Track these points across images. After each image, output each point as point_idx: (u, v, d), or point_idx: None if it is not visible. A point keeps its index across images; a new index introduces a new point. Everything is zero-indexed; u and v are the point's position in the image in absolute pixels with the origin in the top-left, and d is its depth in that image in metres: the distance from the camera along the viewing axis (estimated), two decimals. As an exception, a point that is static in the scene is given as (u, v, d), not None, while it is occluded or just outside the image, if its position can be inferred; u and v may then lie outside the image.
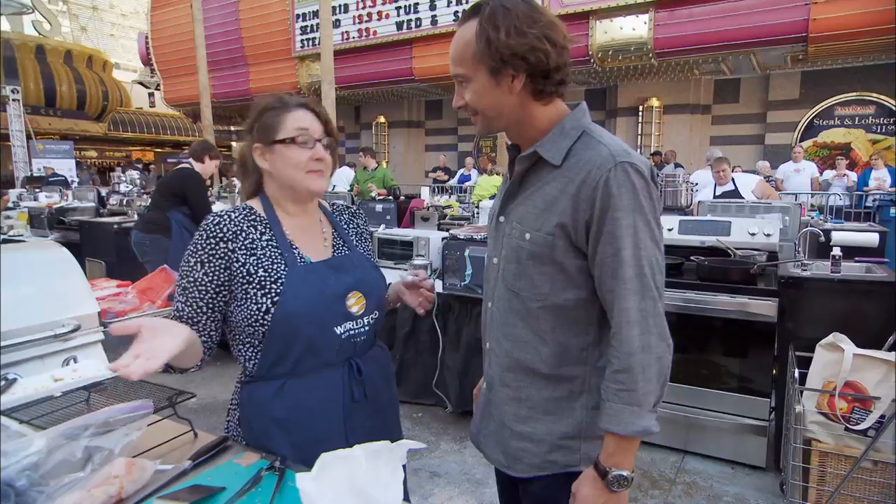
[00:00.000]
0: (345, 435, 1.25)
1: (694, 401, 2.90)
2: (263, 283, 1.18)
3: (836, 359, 2.05)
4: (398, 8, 11.70)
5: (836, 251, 2.60)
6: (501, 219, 1.22)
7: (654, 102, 12.06)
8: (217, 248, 1.18)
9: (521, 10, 1.05)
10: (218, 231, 1.19)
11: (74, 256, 2.08)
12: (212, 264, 1.18)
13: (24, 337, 1.75)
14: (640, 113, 12.16)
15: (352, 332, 1.26)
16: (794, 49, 9.15)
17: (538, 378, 1.18)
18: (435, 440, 3.18)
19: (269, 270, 1.19)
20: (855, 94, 10.67)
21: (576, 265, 1.11)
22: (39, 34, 19.77)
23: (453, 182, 11.63)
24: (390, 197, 6.82)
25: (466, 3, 10.86)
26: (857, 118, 10.77)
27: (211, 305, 1.20)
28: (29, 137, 14.40)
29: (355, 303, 1.27)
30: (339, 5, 12.13)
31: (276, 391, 1.21)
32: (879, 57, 9.73)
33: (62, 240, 5.58)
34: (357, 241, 1.41)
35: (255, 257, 1.20)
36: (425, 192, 7.85)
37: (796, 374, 2.13)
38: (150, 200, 4.54)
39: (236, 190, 6.96)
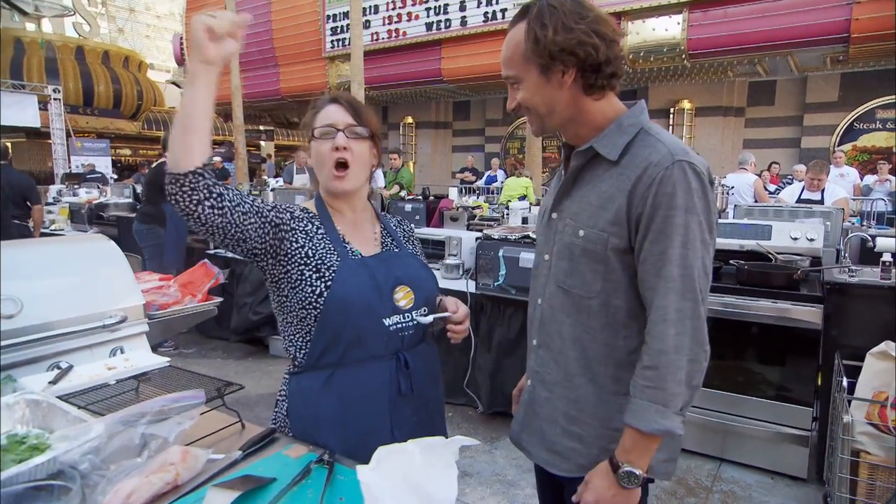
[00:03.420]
0: (390, 428, 1.26)
1: (732, 408, 2.84)
2: (319, 267, 1.21)
3: (887, 368, 1.98)
4: (428, 9, 11.74)
5: (887, 257, 2.51)
6: (554, 215, 1.22)
7: (686, 104, 11.86)
8: (284, 214, 1.23)
9: (568, 7, 1.06)
10: (292, 209, 1.26)
11: (114, 249, 2.13)
12: (277, 210, 1.22)
13: (74, 326, 1.79)
14: (672, 115, 11.97)
15: (400, 325, 1.27)
16: (834, 50, 8.90)
17: (586, 378, 1.17)
18: (465, 440, 3.17)
19: (324, 258, 1.22)
20: (896, 96, 10.34)
21: (628, 263, 1.10)
22: (80, 36, 20.33)
23: (480, 183, 11.61)
24: (420, 196, 6.84)
25: (496, 3, 10.85)
26: (899, 122, 10.44)
27: (253, 206, 1.16)
28: (68, 135, 14.82)
29: (403, 296, 1.28)
30: (370, 6, 12.22)
31: (324, 381, 1.23)
32: (924, 59, 9.43)
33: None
34: (406, 242, 1.43)
35: (312, 242, 1.23)
36: (453, 193, 7.86)
37: (844, 384, 2.07)
38: (144, 195, 5.19)
39: (268, 188, 7.05)
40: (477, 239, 3.49)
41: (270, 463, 1.14)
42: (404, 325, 1.28)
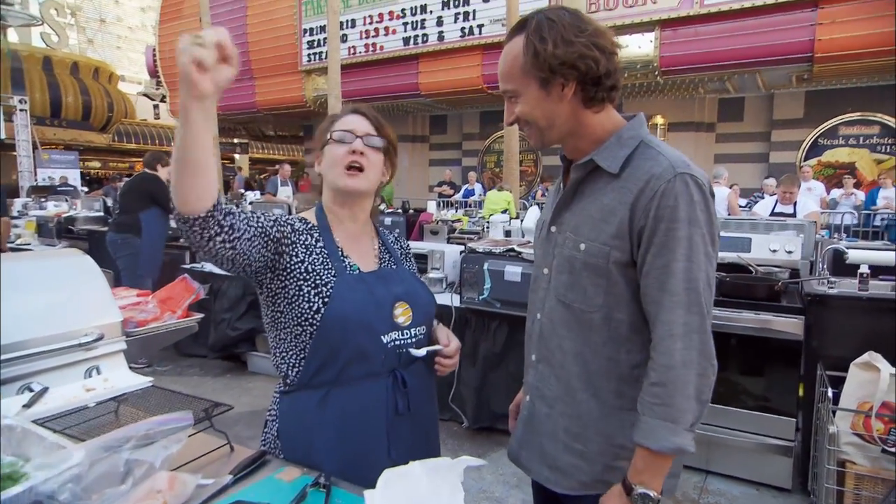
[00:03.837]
0: (387, 448, 1.22)
1: (716, 419, 2.85)
2: (317, 283, 1.17)
3: (871, 378, 2.01)
4: (405, 24, 11.79)
5: (864, 269, 2.57)
6: (553, 228, 1.20)
7: (659, 120, 12.11)
8: (285, 227, 1.20)
9: (567, 21, 1.06)
10: (292, 221, 1.23)
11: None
12: (279, 223, 1.19)
13: (47, 346, 1.71)
14: (645, 130, 12.18)
15: (398, 342, 1.24)
16: (799, 69, 9.22)
17: (588, 393, 1.15)
18: (451, 457, 3.11)
19: (322, 273, 1.19)
20: (858, 114, 10.71)
21: (631, 277, 1.09)
22: (47, 46, 19.89)
23: (458, 196, 11.63)
24: (399, 210, 6.81)
25: (473, 19, 10.96)
26: (861, 138, 10.80)
27: (258, 227, 1.14)
28: (34, 147, 14.41)
29: (402, 313, 1.25)
30: (347, 20, 12.23)
31: (319, 400, 1.19)
32: (883, 78, 9.80)
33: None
34: (403, 259, 1.40)
35: (311, 257, 1.20)
36: (432, 206, 7.85)
37: (830, 394, 2.09)
38: (119, 206, 5.12)
39: (247, 202, 6.94)
40: (461, 253, 3.47)
41: (263, 487, 1.09)
42: (402, 342, 1.25)
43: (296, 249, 1.19)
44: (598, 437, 1.15)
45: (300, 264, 1.18)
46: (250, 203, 6.52)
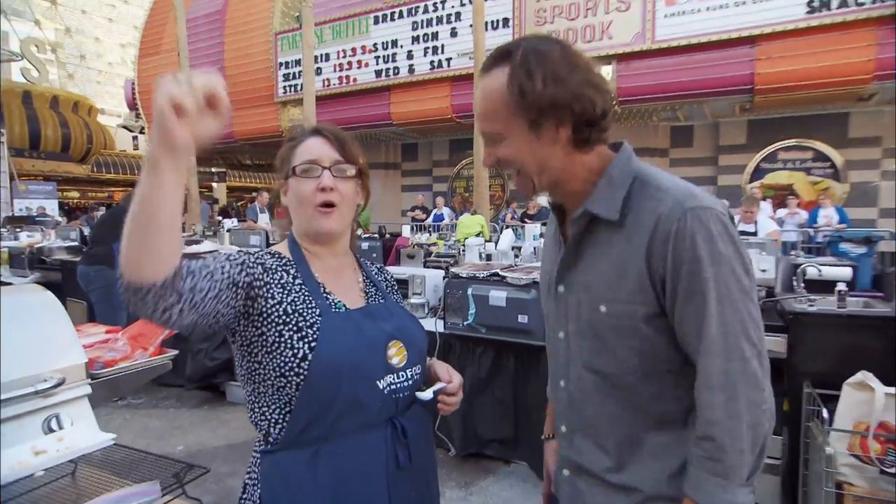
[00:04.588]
0: None
1: (701, 438, 2.70)
2: (300, 325, 0.96)
3: (865, 398, 1.88)
4: (377, 57, 11.75)
5: (842, 286, 2.47)
6: (561, 288, 1.01)
7: (617, 146, 12.25)
8: (255, 268, 0.98)
9: (557, 54, 0.87)
10: (262, 260, 1.01)
11: (56, 297, 1.78)
12: (247, 265, 0.96)
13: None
14: (604, 156, 12.30)
15: (394, 386, 1.04)
16: (741, 99, 9.47)
17: (642, 458, 0.95)
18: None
19: (304, 314, 0.98)
20: (795, 140, 11.04)
21: (664, 326, 0.91)
22: (27, 81, 19.16)
23: (429, 221, 11.47)
24: (376, 235, 6.60)
25: (442, 53, 10.95)
26: (797, 162, 11.11)
27: (225, 277, 0.91)
28: (12, 178, 13.73)
29: (396, 353, 1.05)
30: (321, 54, 12.13)
31: (308, 460, 0.97)
32: (815, 108, 10.16)
33: (42, 280, 5.15)
34: (390, 291, 1.21)
35: (290, 297, 0.99)
36: (406, 231, 7.67)
37: (825, 414, 1.95)
38: (93, 236, 4.87)
39: (225, 228, 6.62)
40: (445, 277, 3.28)
41: (244, 572, 0.87)
42: (398, 385, 1.05)
43: (271, 290, 0.98)
44: (658, 499, 0.95)
45: (277, 306, 0.97)
46: (228, 230, 6.20)
